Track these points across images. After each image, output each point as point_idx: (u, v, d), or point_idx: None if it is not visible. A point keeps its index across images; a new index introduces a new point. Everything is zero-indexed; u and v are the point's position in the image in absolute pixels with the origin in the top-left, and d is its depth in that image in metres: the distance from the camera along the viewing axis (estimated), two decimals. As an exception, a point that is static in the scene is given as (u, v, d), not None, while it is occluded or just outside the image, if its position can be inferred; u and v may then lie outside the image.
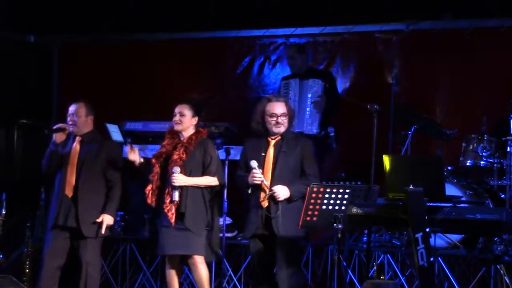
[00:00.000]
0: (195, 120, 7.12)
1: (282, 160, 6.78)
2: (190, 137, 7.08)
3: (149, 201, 7.05)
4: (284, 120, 6.84)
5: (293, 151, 6.80)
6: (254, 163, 6.75)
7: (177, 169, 6.94)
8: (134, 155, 7.13)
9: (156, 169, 7.08)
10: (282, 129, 6.85)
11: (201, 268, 7.03)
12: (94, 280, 7.33)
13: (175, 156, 7.01)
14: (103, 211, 7.27)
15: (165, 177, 7.04)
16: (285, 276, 6.72)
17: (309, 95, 8.36)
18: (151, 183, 7.06)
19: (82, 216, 7.23)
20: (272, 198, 6.72)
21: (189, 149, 7.03)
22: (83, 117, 7.39)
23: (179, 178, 6.93)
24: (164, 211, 6.97)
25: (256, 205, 6.79)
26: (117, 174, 7.35)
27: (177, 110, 7.12)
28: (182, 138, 7.11)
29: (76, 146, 7.37)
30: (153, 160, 7.13)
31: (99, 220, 7.23)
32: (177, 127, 7.10)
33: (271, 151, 6.85)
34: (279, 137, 6.86)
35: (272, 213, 6.71)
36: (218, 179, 7.07)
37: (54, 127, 7.37)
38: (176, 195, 6.95)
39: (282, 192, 6.69)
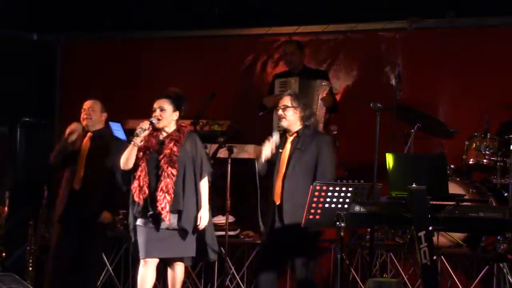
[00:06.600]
0: (176, 115, 6.76)
1: (296, 158, 6.69)
2: (177, 131, 6.74)
3: (136, 199, 6.61)
4: (286, 114, 6.76)
5: (309, 148, 6.69)
6: (275, 135, 6.75)
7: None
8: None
9: (143, 166, 6.67)
10: (284, 122, 6.79)
11: (179, 270, 6.78)
12: (95, 277, 7.47)
13: (167, 151, 6.64)
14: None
15: (153, 173, 6.65)
16: (300, 264, 6.62)
17: (319, 96, 8.26)
18: (137, 180, 6.62)
19: (91, 211, 7.28)
20: None
21: (179, 143, 6.69)
22: (98, 112, 7.49)
23: (203, 222, 6.71)
24: (158, 210, 6.57)
25: (270, 200, 6.74)
26: None
27: (156, 105, 6.72)
28: (166, 134, 6.75)
29: (86, 142, 7.44)
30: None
31: (104, 216, 7.32)
32: (158, 124, 6.70)
33: (287, 147, 6.78)
34: (295, 134, 6.78)
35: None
36: (208, 177, 6.80)
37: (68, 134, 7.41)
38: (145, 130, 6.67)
39: None
